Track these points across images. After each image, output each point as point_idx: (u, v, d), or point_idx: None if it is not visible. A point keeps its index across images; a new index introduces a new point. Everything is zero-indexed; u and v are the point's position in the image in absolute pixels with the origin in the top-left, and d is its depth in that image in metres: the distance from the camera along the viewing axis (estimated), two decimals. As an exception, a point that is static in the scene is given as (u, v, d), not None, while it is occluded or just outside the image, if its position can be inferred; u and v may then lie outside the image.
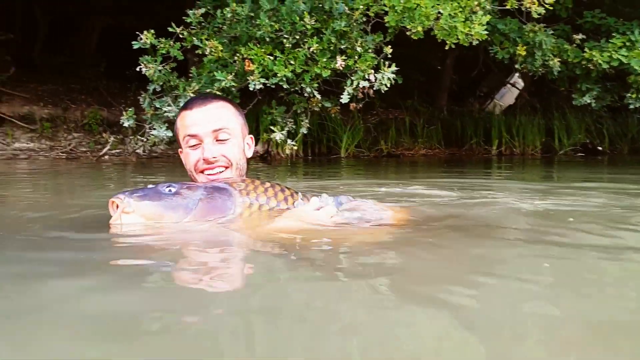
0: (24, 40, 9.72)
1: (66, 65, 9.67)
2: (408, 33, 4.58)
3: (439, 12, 4.35)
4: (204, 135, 1.69)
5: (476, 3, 4.39)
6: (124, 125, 4.64)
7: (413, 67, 12.42)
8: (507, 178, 5.27)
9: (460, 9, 4.42)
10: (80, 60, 9.66)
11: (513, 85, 11.53)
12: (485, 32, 4.31)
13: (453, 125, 10.93)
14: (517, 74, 11.08)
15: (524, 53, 5.09)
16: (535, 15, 4.74)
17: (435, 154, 10.36)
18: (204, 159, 1.68)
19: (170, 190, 1.53)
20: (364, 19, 4.66)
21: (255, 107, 6.04)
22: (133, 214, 1.47)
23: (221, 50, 4.43)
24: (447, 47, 4.39)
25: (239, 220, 1.56)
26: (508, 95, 11.85)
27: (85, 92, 8.93)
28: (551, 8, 4.68)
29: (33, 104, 8.12)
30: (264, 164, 7.11)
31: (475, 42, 4.32)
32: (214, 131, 1.69)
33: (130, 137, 5.57)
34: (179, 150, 1.81)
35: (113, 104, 8.22)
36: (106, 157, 7.54)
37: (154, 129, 4.62)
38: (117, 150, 7.66)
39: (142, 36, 4.36)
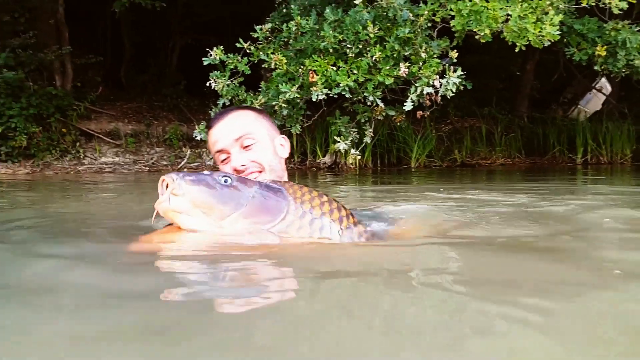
0: (113, 61, 10.44)
1: (149, 83, 10.29)
2: (476, 37, 4.44)
3: (508, 14, 4.18)
4: (229, 146, 1.65)
5: (548, 3, 4.18)
6: (197, 138, 4.83)
7: (491, 74, 12.07)
8: (593, 185, 4.94)
9: (531, 10, 4.23)
10: (162, 78, 10.22)
11: (599, 90, 10.82)
12: (558, 33, 4.08)
13: (534, 133, 10.45)
14: (603, 79, 10.41)
15: (603, 53, 4.76)
16: (616, 11, 4.43)
17: (515, 163, 9.93)
18: (233, 169, 1.63)
19: (226, 181, 1.41)
20: (429, 25, 4.57)
21: (323, 118, 6.09)
22: (182, 198, 1.35)
23: (285, 63, 4.50)
24: (517, 50, 4.20)
25: (287, 229, 1.44)
26: (594, 101, 11.14)
27: (167, 109, 9.42)
28: (634, 1, 4.35)
29: (119, 120, 8.68)
30: (331, 174, 7.14)
31: (546, 44, 4.10)
32: (237, 139, 1.65)
33: (204, 149, 5.77)
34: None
35: (192, 119, 8.59)
36: (185, 169, 7.90)
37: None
38: (195, 163, 8.01)
39: (212, 53, 4.53)
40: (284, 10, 5.61)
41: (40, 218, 2.41)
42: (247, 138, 1.66)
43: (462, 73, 4.28)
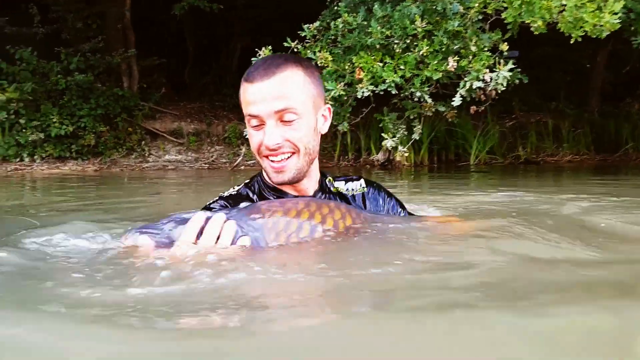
0: (177, 63, 10.86)
1: (211, 84, 10.63)
2: (532, 28, 4.26)
3: (563, 4, 3.97)
4: (267, 117, 1.39)
5: (608, -11, 3.93)
6: (245, 135, 4.93)
7: (558, 67, 11.51)
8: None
9: (590, -2, 4.00)
10: (223, 79, 10.52)
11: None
12: (619, 22, 3.83)
13: (605, 129, 9.87)
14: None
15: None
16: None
17: (584, 160, 9.42)
18: (266, 146, 1.40)
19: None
20: (480, 17, 4.43)
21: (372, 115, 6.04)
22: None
23: (331, 61, 4.50)
24: (572, 41, 3.98)
25: None
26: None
27: (227, 108, 9.69)
28: None
29: (182, 120, 9.02)
30: (384, 171, 7.08)
31: (605, 34, 3.86)
32: (278, 112, 1.38)
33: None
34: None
35: (250, 118, 8.78)
36: (242, 167, 8.11)
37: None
38: (252, 161, 8.19)
39: (260, 52, 4.61)
40: (335, 8, 5.61)
41: (104, 209, 2.59)
42: (290, 113, 1.39)
43: (513, 66, 4.11)
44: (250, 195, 1.58)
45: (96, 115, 7.55)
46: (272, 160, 1.43)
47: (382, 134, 4.92)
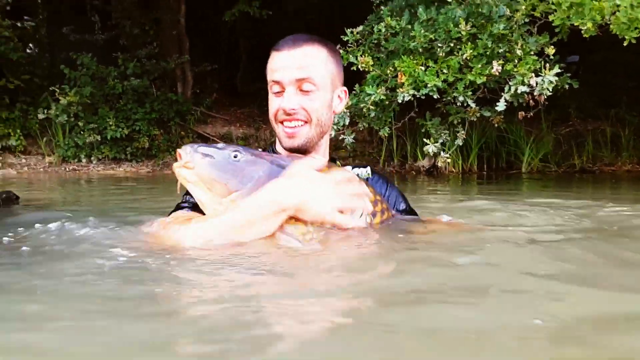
0: (230, 69, 11.13)
1: (262, 89, 10.80)
2: (583, 31, 4.11)
3: (617, 4, 3.81)
4: (287, 84, 1.52)
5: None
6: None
7: (621, 72, 10.98)
8: None
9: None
10: (273, 84, 10.68)
11: None
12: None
13: (671, 137, 9.32)
14: None
15: None
16: None
17: (645, 170, 8.93)
18: (283, 109, 1.53)
19: (235, 156, 1.42)
20: (526, 20, 4.31)
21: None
22: (191, 170, 1.40)
23: (373, 65, 4.50)
24: (625, 44, 3.80)
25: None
26: None
27: (277, 112, 9.82)
28: None
29: (232, 124, 9.24)
30: (429, 178, 6.97)
31: (661, 34, 3.67)
32: (298, 80, 1.51)
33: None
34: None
35: (297, 122, 8.88)
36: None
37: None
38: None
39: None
40: (381, 12, 5.61)
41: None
42: (309, 82, 1.52)
43: (560, 71, 3.97)
44: None
45: (150, 119, 7.84)
46: (285, 126, 1.56)
47: (425, 140, 4.87)
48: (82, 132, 7.49)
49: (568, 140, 9.34)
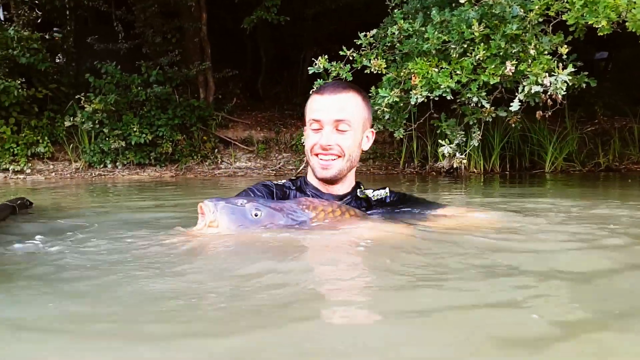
0: (252, 74, 11.27)
1: (282, 93, 10.93)
2: (598, 30, 4.05)
3: (633, 1, 3.75)
4: (326, 123, 1.77)
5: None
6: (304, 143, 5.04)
7: (650, 68, 10.71)
8: None
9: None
10: (294, 88, 10.78)
11: None
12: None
13: (701, 134, 9.05)
14: None
15: None
16: None
17: (674, 168, 8.70)
18: (320, 145, 1.78)
19: (256, 215, 1.61)
20: (540, 20, 4.28)
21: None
22: (216, 229, 1.57)
23: (386, 68, 4.53)
24: (640, 40, 3.75)
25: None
26: None
27: (296, 117, 9.92)
28: None
29: (252, 129, 9.36)
30: (450, 178, 6.94)
31: (678, 30, 3.60)
32: (336, 121, 1.77)
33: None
34: (304, 128, 1.93)
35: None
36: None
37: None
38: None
39: (317, 62, 4.73)
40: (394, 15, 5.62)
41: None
42: (345, 124, 1.78)
43: (574, 70, 3.93)
44: (292, 187, 1.96)
45: (173, 125, 8.01)
46: (321, 159, 1.81)
47: (440, 140, 4.86)
48: (107, 139, 7.70)
49: (593, 138, 9.17)
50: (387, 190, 2.03)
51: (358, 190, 1.96)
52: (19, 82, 7.33)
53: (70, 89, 8.15)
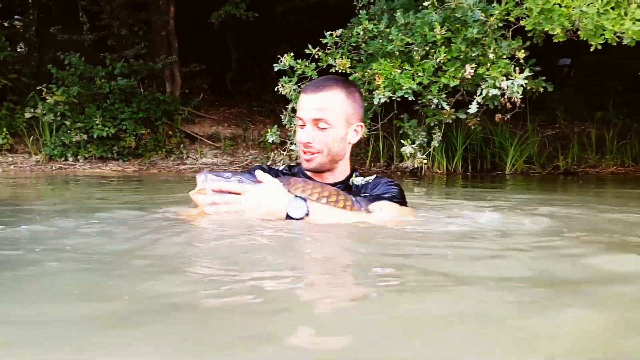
0: (221, 69, 11.19)
1: (252, 90, 10.89)
2: (554, 37, 4.19)
3: (583, 11, 3.89)
4: (307, 121, 1.91)
5: (632, -5, 3.82)
6: (269, 141, 5.07)
7: (610, 75, 11.07)
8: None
9: (614, 4, 3.90)
10: (264, 85, 10.75)
11: None
12: (641, 28, 3.71)
13: (654, 140, 9.41)
14: None
15: None
16: None
17: (628, 172, 9.03)
18: (299, 142, 1.95)
19: (240, 182, 1.85)
20: (500, 24, 4.40)
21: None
22: (205, 196, 1.84)
23: (350, 67, 4.58)
24: (592, 49, 3.89)
25: None
26: None
27: (265, 114, 9.91)
28: None
29: (219, 124, 9.30)
30: (414, 179, 7.05)
31: (627, 42, 3.75)
32: (315, 120, 1.89)
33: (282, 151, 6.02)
34: None
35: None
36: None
37: (294, 144, 4.96)
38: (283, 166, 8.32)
39: (282, 59, 4.75)
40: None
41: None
42: (324, 122, 1.90)
43: (530, 74, 4.06)
44: (287, 173, 2.12)
45: (137, 119, 7.89)
46: (304, 152, 1.95)
47: (402, 141, 4.95)
48: (68, 131, 7.54)
49: (554, 142, 9.45)
50: (373, 177, 2.12)
51: (353, 177, 2.10)
52: (-25, 71, 7.12)
53: (32, 79, 7.95)
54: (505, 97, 4.09)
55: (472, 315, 0.92)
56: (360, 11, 5.02)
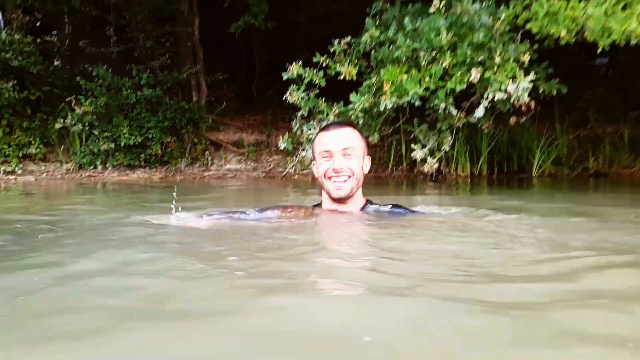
0: (247, 77, 11.37)
1: (275, 97, 11.01)
2: (560, 39, 4.12)
3: (587, 13, 3.82)
4: (335, 152, 2.21)
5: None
6: (280, 148, 5.15)
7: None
8: None
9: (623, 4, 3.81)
10: (286, 91, 10.86)
11: None
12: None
13: (691, 140, 9.03)
14: None
15: None
16: None
17: (662, 173, 8.68)
18: (333, 169, 2.20)
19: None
20: (508, 28, 4.35)
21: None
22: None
23: (358, 74, 4.61)
24: (598, 51, 3.81)
25: None
26: None
27: (289, 119, 10.00)
28: None
29: (243, 131, 9.46)
30: (434, 183, 6.98)
31: (636, 41, 3.66)
32: (344, 149, 2.20)
33: (294, 157, 6.11)
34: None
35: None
36: (296, 176, 8.34)
37: (305, 150, 5.03)
38: (306, 170, 8.40)
39: (290, 67, 4.82)
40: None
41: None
42: (351, 149, 2.21)
43: (535, 77, 4.00)
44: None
45: (163, 127, 8.13)
46: (335, 181, 2.22)
47: (412, 145, 4.94)
48: (97, 140, 7.83)
49: (584, 143, 9.18)
50: (390, 206, 2.37)
51: (369, 205, 2.35)
52: (11, 84, 7.48)
53: (64, 91, 8.30)
54: (512, 100, 4.04)
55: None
56: (368, 19, 5.04)
